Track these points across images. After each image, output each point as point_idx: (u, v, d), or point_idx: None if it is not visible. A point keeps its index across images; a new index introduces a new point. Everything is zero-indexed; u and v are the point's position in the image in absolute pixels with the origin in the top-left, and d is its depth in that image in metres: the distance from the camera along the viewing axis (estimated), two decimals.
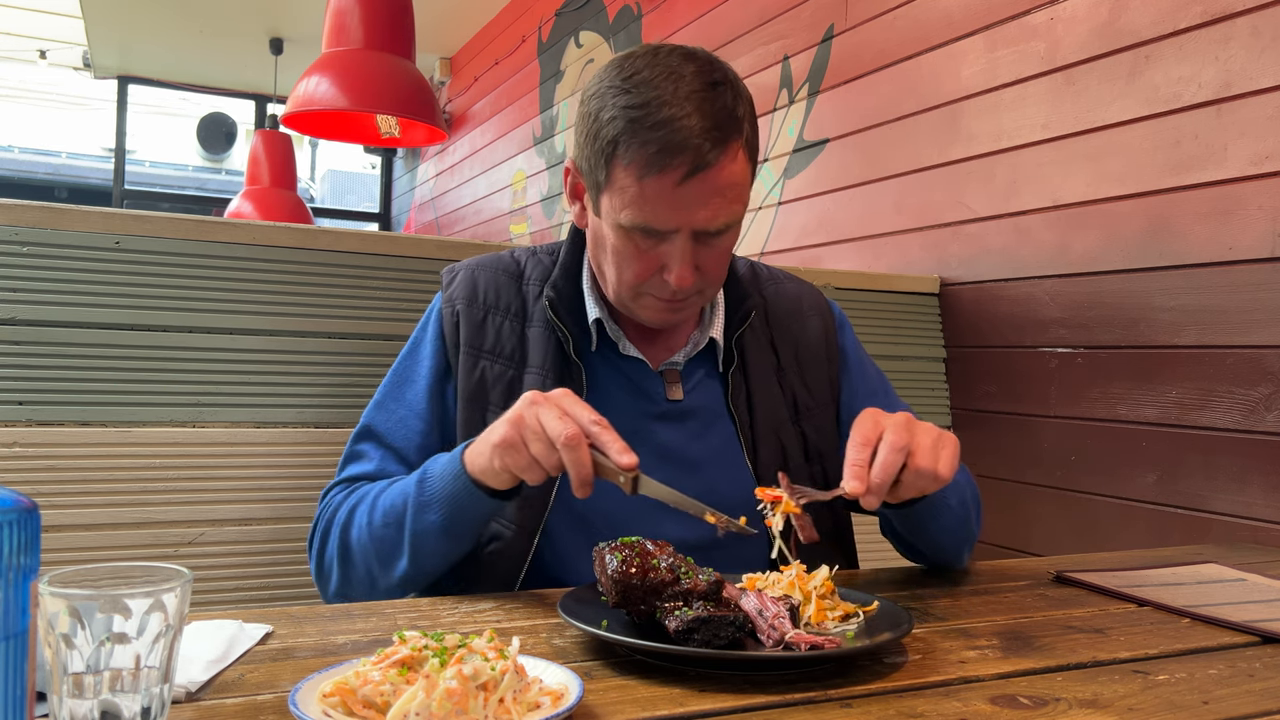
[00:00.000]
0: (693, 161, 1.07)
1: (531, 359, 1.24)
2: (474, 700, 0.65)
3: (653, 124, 1.07)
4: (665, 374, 1.27)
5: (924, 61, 2.34)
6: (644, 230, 1.12)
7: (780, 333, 1.34)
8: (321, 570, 1.20)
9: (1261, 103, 1.62)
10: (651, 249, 1.14)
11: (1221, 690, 0.82)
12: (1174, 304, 1.75)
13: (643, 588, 0.87)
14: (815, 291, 1.42)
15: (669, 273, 1.14)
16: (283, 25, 5.91)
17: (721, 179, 1.10)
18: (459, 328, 1.25)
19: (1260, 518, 1.60)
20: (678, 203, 1.09)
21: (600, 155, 1.11)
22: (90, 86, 9.20)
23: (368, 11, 3.32)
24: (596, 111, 1.12)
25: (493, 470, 1.03)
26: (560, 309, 1.24)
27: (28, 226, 1.46)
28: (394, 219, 7.45)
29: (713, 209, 1.11)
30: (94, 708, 0.59)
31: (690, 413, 1.26)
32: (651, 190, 1.09)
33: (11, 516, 0.51)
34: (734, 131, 1.10)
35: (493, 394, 1.23)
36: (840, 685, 0.79)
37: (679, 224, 1.11)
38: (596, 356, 1.26)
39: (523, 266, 1.32)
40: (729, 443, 1.26)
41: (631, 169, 1.09)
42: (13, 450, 1.41)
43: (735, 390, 1.28)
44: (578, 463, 0.98)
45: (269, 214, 5.36)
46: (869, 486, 0.98)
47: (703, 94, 1.08)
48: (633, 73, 1.10)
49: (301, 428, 1.58)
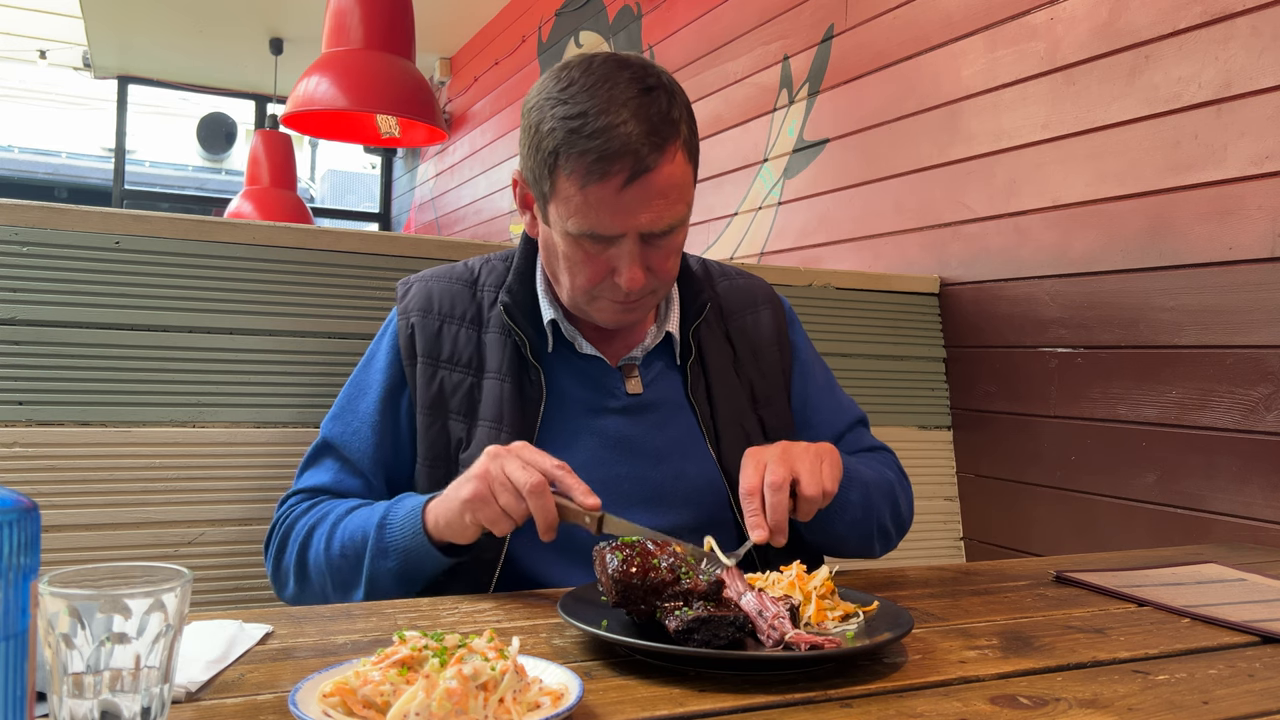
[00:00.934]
0: (632, 166, 1.10)
1: (489, 364, 1.26)
2: (474, 700, 0.65)
3: (590, 132, 1.09)
4: (623, 369, 1.30)
5: (924, 61, 2.34)
6: (591, 236, 1.14)
7: (735, 325, 1.38)
8: (277, 576, 1.24)
9: (1261, 103, 1.62)
10: (600, 253, 1.16)
11: (1221, 690, 0.82)
12: (1174, 304, 1.75)
13: (643, 587, 0.87)
14: (766, 286, 1.45)
15: (619, 276, 1.16)
16: (283, 25, 5.91)
17: (662, 181, 1.12)
18: (414, 339, 1.27)
19: (1260, 518, 1.60)
20: (621, 208, 1.12)
21: (543, 166, 1.14)
22: (90, 86, 9.20)
23: (368, 11, 3.32)
24: (536, 123, 1.15)
25: (461, 525, 1.06)
26: (515, 313, 1.26)
27: (28, 226, 1.46)
28: (394, 219, 7.45)
29: (655, 211, 1.13)
30: (94, 708, 0.59)
31: (650, 405, 1.28)
32: (594, 197, 1.11)
33: (11, 516, 0.51)
34: (671, 134, 1.12)
35: (452, 401, 1.25)
36: (840, 685, 0.79)
37: (624, 228, 1.13)
38: (554, 357, 1.28)
39: (476, 273, 1.34)
40: (690, 433, 1.28)
41: (573, 178, 1.11)
42: (13, 450, 1.41)
43: (694, 382, 1.30)
44: (543, 509, 1.02)
45: (269, 214, 5.36)
46: (769, 531, 1.04)
47: (638, 100, 1.11)
48: (568, 83, 1.13)
49: (301, 428, 1.58)
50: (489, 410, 1.23)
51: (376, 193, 7.93)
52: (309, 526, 1.21)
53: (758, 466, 1.08)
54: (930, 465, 2.20)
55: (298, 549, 1.20)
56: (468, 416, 1.24)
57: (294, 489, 1.28)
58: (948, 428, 2.25)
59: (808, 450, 1.11)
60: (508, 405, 1.23)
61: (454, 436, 1.24)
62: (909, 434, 2.20)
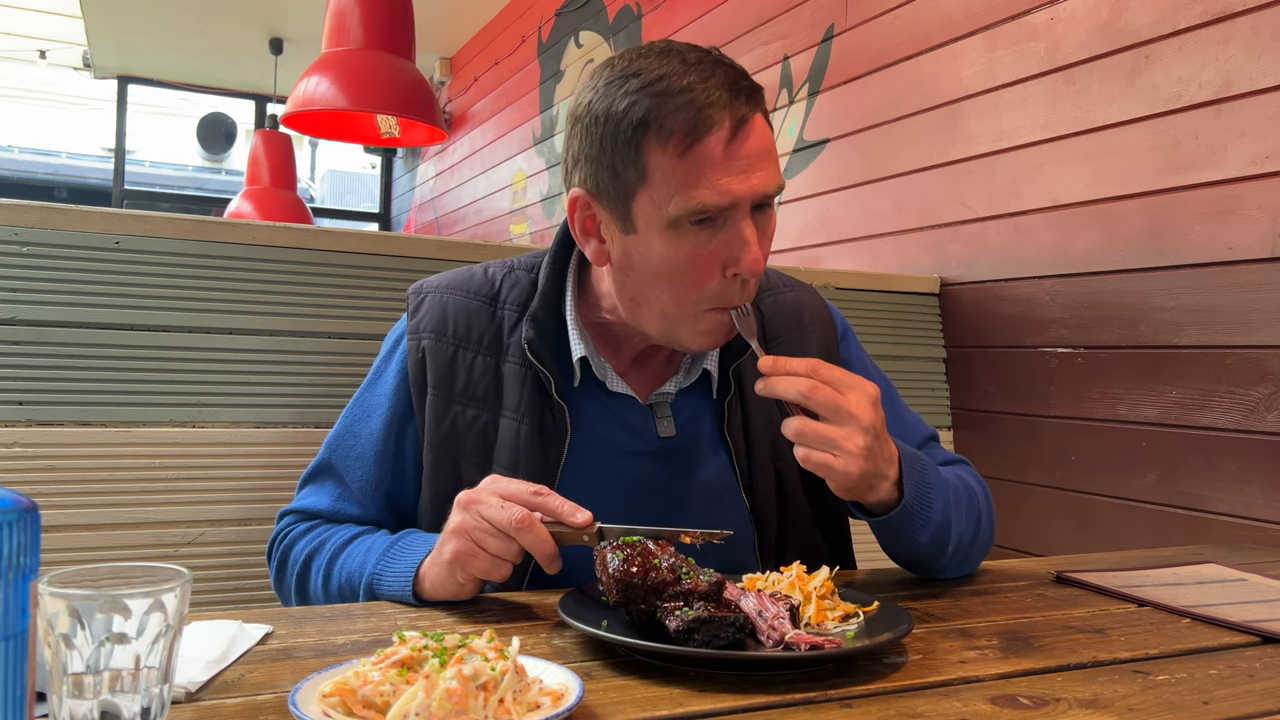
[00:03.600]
0: (734, 116, 1.00)
1: (507, 400, 1.15)
2: (474, 700, 0.65)
3: (679, 89, 0.99)
4: (655, 408, 1.19)
5: (924, 61, 2.34)
6: (699, 215, 1.01)
7: (779, 351, 1.23)
8: (280, 592, 1.20)
9: (1261, 103, 1.62)
10: (709, 241, 1.03)
11: (1221, 690, 0.82)
12: (1174, 304, 1.75)
13: (644, 587, 0.87)
14: (815, 299, 1.33)
15: (736, 264, 1.03)
16: (283, 25, 5.91)
17: (765, 136, 1.03)
18: (425, 366, 1.17)
19: (1260, 518, 1.60)
20: (731, 168, 1.00)
21: (627, 149, 1.01)
22: (90, 86, 9.19)
23: (368, 11, 3.32)
24: (606, 110, 1.03)
25: (455, 585, 0.99)
26: (540, 348, 1.14)
27: (28, 226, 1.46)
28: (394, 219, 7.45)
29: (765, 170, 1.02)
30: (94, 708, 0.59)
31: (682, 448, 1.19)
32: (699, 160, 0.99)
33: (11, 516, 0.51)
34: (757, 90, 1.04)
35: (466, 441, 1.15)
36: (840, 685, 0.79)
37: (738, 193, 1.01)
38: (580, 393, 1.17)
39: (497, 286, 1.21)
40: (723, 475, 1.19)
41: (672, 144, 0.99)
42: (13, 450, 1.41)
43: (732, 420, 1.20)
44: (537, 541, 0.95)
45: (269, 214, 5.36)
46: (770, 368, 1.00)
47: (713, 63, 1.03)
48: (628, 64, 1.04)
49: (301, 428, 1.58)
50: (504, 454, 1.14)
51: (376, 193, 7.93)
52: (306, 555, 1.15)
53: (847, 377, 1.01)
54: None
55: (296, 577, 1.15)
56: (481, 460, 1.14)
57: (292, 506, 1.22)
58: (948, 428, 2.25)
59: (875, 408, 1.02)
60: (524, 448, 1.13)
61: (465, 479, 1.11)
62: None
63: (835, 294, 2.15)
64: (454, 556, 0.97)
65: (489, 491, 0.97)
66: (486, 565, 0.96)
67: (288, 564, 1.17)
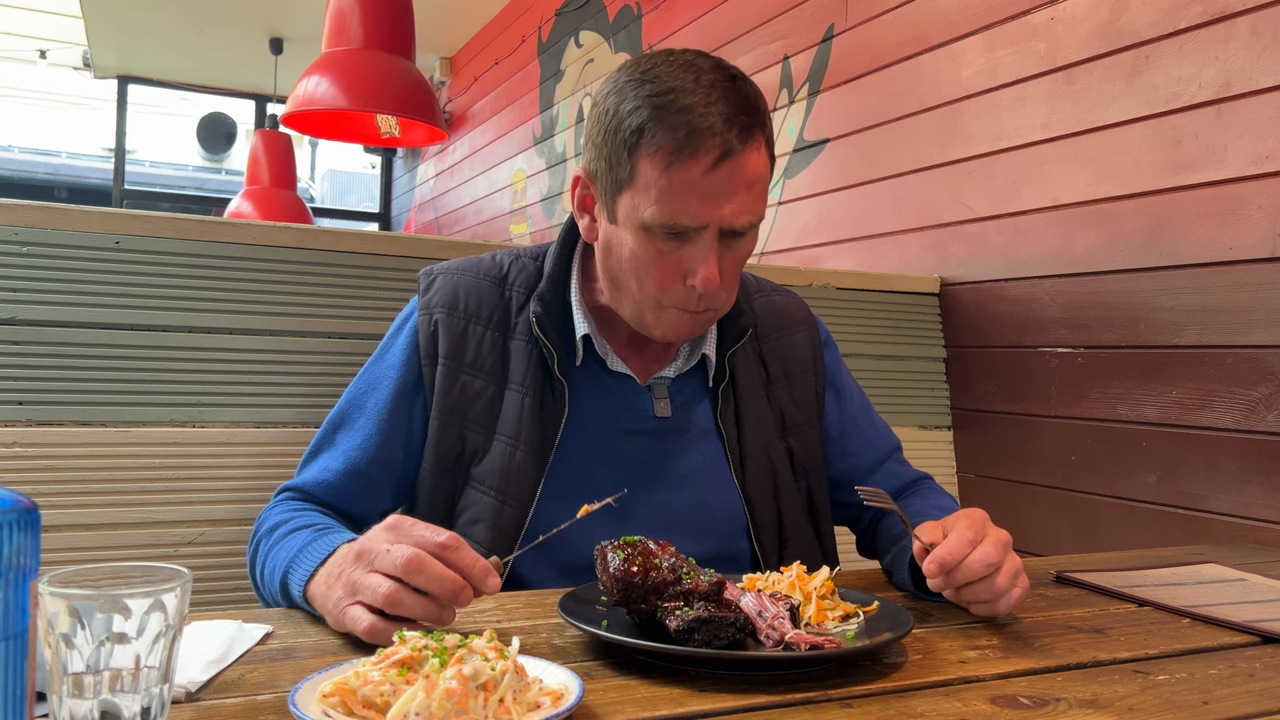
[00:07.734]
0: (721, 147, 1.04)
1: (513, 374, 1.20)
2: (474, 700, 0.65)
3: (679, 108, 1.04)
4: (653, 389, 1.24)
5: (924, 61, 2.34)
6: (669, 229, 1.07)
7: (769, 346, 1.32)
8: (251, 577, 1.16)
9: (1261, 103, 1.62)
10: (674, 251, 1.09)
11: (1221, 690, 0.82)
12: (1174, 304, 1.75)
13: (644, 587, 0.87)
14: (802, 304, 1.40)
15: (694, 276, 1.09)
16: (283, 25, 5.91)
17: (748, 170, 1.07)
18: (437, 337, 1.21)
19: (1260, 518, 1.60)
20: (706, 194, 1.05)
21: (623, 148, 1.07)
22: (90, 86, 9.19)
23: (368, 11, 3.32)
24: (615, 106, 1.09)
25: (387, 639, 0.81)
26: (546, 324, 1.20)
27: (28, 226, 1.46)
28: (394, 219, 7.45)
29: (739, 203, 1.07)
30: (94, 708, 0.59)
31: (677, 429, 1.24)
32: (679, 179, 1.05)
33: (11, 516, 0.51)
34: (759, 122, 1.08)
35: (473, 410, 1.19)
36: (840, 685, 0.79)
37: (706, 218, 1.07)
38: (581, 371, 1.23)
39: (505, 270, 1.27)
40: (715, 459, 1.24)
41: (658, 156, 1.05)
42: (13, 450, 1.41)
43: (724, 406, 1.25)
44: (437, 579, 0.83)
45: (269, 214, 5.36)
46: (940, 563, 0.94)
47: (726, 84, 1.07)
48: (649, 68, 1.09)
49: (301, 428, 1.58)
50: (508, 425, 1.18)
51: (376, 193, 7.93)
52: (258, 537, 1.12)
53: (981, 530, 0.97)
54: (930, 465, 2.20)
55: (250, 550, 1.13)
56: (486, 428, 1.19)
57: (289, 483, 1.22)
58: (948, 428, 2.25)
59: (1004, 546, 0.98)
60: (527, 421, 1.18)
61: (469, 447, 1.19)
62: (909, 434, 2.19)
63: (835, 294, 2.15)
64: (368, 632, 0.84)
65: (368, 562, 0.86)
66: (427, 616, 0.84)
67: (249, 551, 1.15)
